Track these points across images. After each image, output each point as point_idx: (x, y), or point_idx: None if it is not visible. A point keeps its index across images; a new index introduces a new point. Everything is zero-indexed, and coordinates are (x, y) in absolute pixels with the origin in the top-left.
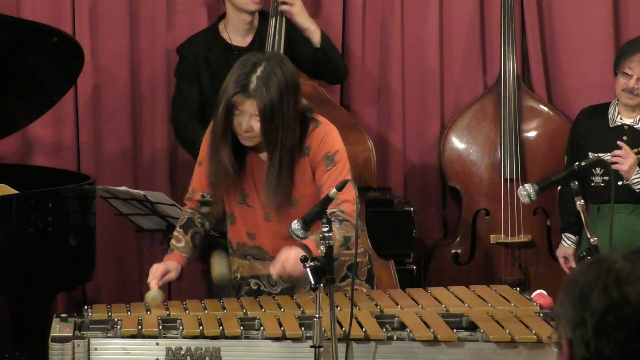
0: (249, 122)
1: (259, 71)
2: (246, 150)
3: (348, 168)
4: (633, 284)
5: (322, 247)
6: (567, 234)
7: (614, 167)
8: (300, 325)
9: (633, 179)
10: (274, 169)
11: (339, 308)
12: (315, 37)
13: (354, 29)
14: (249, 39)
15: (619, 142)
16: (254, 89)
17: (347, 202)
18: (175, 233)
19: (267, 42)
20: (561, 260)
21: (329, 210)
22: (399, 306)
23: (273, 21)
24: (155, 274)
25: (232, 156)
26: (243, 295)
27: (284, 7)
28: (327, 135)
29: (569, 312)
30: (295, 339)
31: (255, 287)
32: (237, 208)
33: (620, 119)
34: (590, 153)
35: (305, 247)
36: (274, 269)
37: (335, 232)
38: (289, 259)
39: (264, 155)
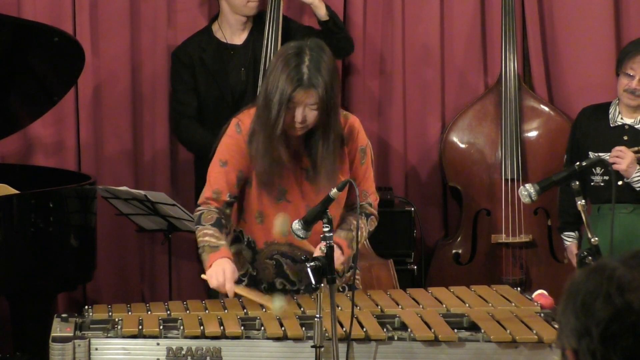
0: (303, 112)
1: (306, 60)
2: (284, 143)
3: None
4: (635, 290)
5: (322, 247)
6: (566, 233)
7: (612, 167)
8: (301, 325)
9: (634, 177)
10: (329, 153)
11: (339, 308)
12: (321, 10)
13: (354, 27)
14: (244, 37)
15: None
16: (310, 79)
17: (374, 195)
18: (207, 231)
19: (264, 39)
20: (572, 258)
21: (360, 203)
22: (400, 306)
23: (269, 21)
24: (229, 277)
25: (288, 152)
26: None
27: None
28: (360, 127)
29: (572, 322)
30: (296, 339)
31: (280, 287)
32: (273, 205)
33: (621, 118)
34: (590, 152)
35: (339, 247)
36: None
37: (363, 227)
38: (339, 259)
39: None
